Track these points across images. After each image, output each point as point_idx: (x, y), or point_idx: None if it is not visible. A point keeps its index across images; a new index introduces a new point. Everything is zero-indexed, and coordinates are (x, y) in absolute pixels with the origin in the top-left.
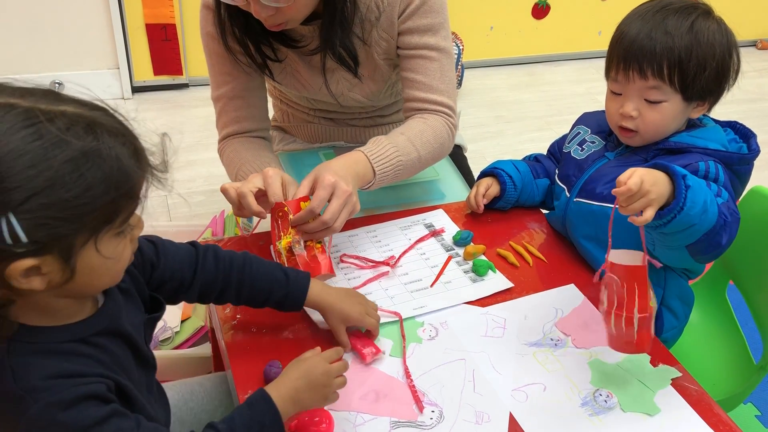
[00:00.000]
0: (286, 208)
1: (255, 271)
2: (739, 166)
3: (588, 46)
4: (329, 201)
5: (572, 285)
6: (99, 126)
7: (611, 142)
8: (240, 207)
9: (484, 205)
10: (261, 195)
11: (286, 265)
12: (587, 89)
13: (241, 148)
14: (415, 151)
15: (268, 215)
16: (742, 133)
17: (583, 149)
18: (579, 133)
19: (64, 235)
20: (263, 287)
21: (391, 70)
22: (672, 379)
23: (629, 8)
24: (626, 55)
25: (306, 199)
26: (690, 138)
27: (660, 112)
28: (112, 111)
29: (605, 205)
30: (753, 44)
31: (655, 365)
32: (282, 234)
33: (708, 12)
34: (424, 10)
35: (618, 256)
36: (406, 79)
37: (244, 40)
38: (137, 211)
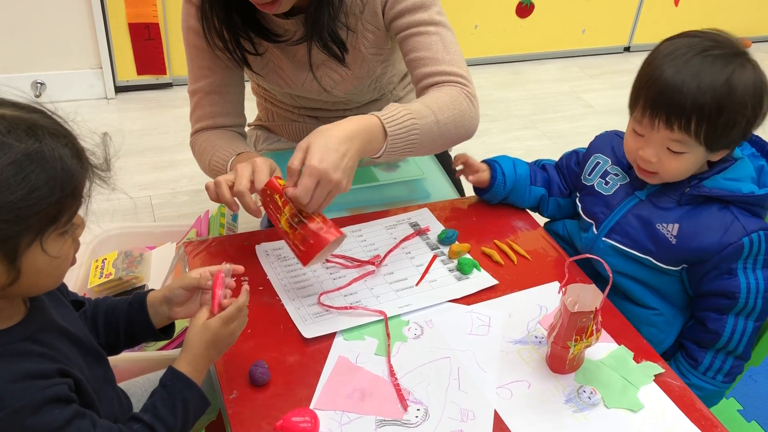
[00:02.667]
0: (268, 191)
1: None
2: None
3: (572, 45)
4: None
5: (556, 282)
6: (40, 128)
7: (635, 178)
8: (220, 198)
9: (476, 193)
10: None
11: (293, 243)
12: (572, 87)
13: (213, 137)
14: (432, 115)
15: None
16: (760, 145)
17: (607, 183)
18: (598, 162)
19: (8, 237)
20: (112, 306)
21: (378, 63)
22: (655, 375)
23: (613, 8)
24: (654, 104)
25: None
26: (724, 181)
27: (680, 161)
28: (50, 113)
29: (644, 257)
30: None
31: (638, 362)
32: (278, 215)
33: (747, 59)
34: None
35: (575, 290)
36: (410, 62)
37: (223, 32)
38: (80, 212)
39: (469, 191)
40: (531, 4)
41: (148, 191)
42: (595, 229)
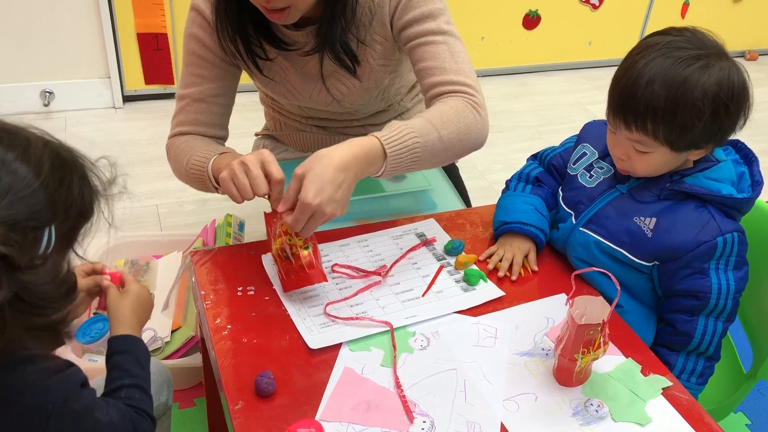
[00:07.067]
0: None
1: None
2: (746, 206)
3: (579, 57)
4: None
5: (563, 294)
6: (78, 157)
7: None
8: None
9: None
10: None
11: (280, 269)
12: (578, 99)
13: (192, 139)
14: (435, 131)
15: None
16: (744, 153)
17: (591, 176)
18: (585, 153)
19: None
20: None
21: (386, 74)
22: (663, 389)
23: (619, 20)
24: (615, 105)
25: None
26: (705, 180)
27: (647, 160)
28: (77, 153)
29: (617, 249)
30: (741, 55)
31: (645, 375)
32: (272, 239)
33: (718, 56)
34: (416, 2)
35: (582, 303)
36: (418, 72)
37: (236, 38)
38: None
39: (475, 202)
40: (538, 16)
41: (155, 200)
42: (573, 219)
